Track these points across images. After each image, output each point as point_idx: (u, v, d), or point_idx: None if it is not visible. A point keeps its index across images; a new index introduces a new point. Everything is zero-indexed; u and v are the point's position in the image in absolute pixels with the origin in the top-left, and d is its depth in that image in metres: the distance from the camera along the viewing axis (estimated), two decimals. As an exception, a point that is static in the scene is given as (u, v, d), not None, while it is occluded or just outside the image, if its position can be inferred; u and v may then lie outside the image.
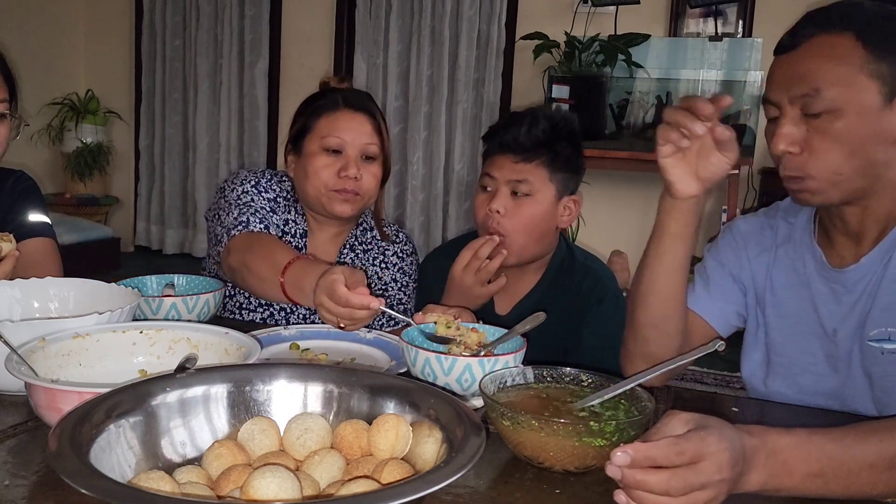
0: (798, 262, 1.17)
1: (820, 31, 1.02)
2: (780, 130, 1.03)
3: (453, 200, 4.82)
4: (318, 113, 1.52)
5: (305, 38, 5.05)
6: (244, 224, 1.45)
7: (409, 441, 0.72)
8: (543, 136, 1.44)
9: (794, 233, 1.19)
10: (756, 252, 1.22)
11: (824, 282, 1.13)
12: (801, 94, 1.01)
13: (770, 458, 0.77)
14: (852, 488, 0.79)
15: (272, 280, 1.27)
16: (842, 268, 1.11)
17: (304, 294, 1.22)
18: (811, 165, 1.03)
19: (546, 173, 1.46)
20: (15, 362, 0.84)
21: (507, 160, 1.46)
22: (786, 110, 1.03)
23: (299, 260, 1.28)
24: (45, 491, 0.72)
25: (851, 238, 1.11)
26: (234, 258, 1.39)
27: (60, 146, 5.28)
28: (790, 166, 1.04)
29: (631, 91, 4.15)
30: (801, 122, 1.03)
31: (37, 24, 5.17)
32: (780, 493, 0.78)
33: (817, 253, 1.14)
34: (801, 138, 1.03)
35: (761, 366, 1.21)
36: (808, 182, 1.04)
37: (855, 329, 1.09)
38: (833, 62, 1.00)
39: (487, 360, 0.99)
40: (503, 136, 1.47)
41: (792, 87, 1.02)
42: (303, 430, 0.74)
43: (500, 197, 1.45)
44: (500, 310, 1.58)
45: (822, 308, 1.13)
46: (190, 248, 5.40)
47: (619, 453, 0.69)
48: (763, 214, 1.25)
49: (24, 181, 1.52)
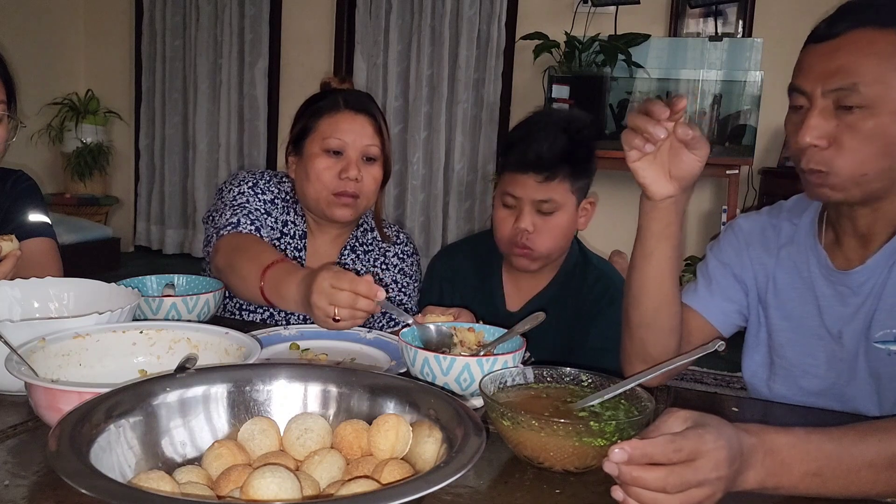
0: (802, 263, 1.16)
1: (862, 24, 0.98)
2: (809, 122, 1.00)
3: (453, 200, 4.82)
4: (320, 114, 1.51)
5: (305, 38, 5.06)
6: (234, 225, 1.44)
7: (409, 441, 0.72)
8: (564, 152, 1.43)
9: (798, 234, 1.18)
10: (758, 252, 1.21)
11: (829, 284, 1.12)
12: (836, 87, 0.98)
13: (768, 457, 0.76)
14: (851, 487, 0.79)
15: (253, 282, 1.26)
16: (847, 270, 1.09)
17: (282, 297, 1.21)
18: (838, 161, 1.00)
19: (568, 186, 1.46)
20: (15, 362, 0.83)
21: (529, 180, 1.44)
22: (816, 101, 1.00)
23: (282, 263, 1.27)
24: (45, 491, 0.72)
25: (859, 239, 1.09)
26: (220, 258, 1.40)
27: (60, 146, 5.28)
28: (815, 160, 1.01)
29: (631, 91, 4.15)
30: (832, 115, 0.99)
31: (37, 24, 5.18)
32: (779, 491, 0.78)
33: (821, 255, 1.13)
34: (830, 132, 0.99)
35: (763, 367, 1.21)
36: (832, 178, 1.01)
37: (861, 331, 1.08)
38: (874, 58, 0.96)
39: (486, 359, 0.99)
40: (524, 155, 1.44)
41: (827, 78, 0.98)
42: (303, 430, 0.74)
43: (527, 216, 1.46)
44: (511, 307, 1.59)
45: (827, 310, 1.12)
46: (190, 248, 5.40)
47: (617, 450, 0.69)
48: (766, 214, 1.24)
49: (23, 181, 1.52)
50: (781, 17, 4.04)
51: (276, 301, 1.24)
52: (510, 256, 1.52)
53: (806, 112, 1.01)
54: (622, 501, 0.71)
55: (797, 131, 1.02)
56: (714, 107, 4.06)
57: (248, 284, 1.28)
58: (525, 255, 1.48)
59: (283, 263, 1.26)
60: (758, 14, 4.12)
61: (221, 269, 1.39)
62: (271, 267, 1.25)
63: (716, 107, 4.06)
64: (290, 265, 1.27)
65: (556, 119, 1.49)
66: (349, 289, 1.07)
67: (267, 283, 1.24)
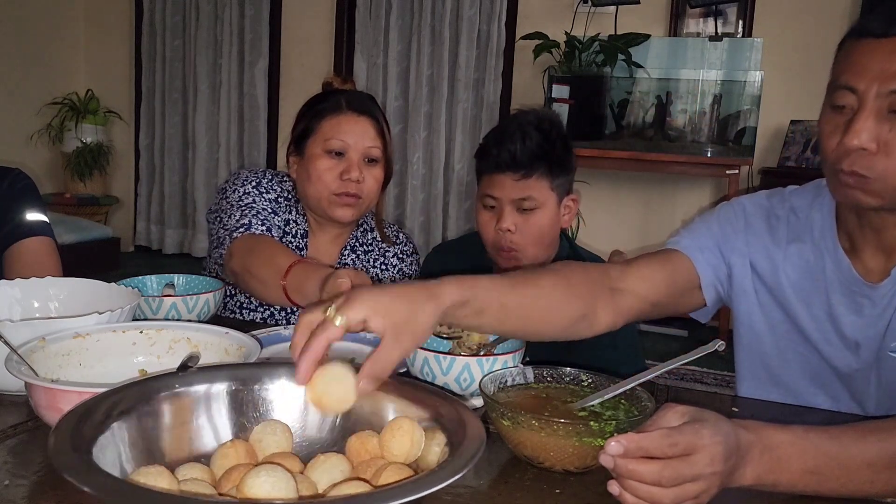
0: (816, 266, 1.10)
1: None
2: (861, 124, 0.93)
3: (453, 200, 4.82)
4: (322, 115, 1.51)
5: (305, 38, 5.06)
6: (246, 227, 1.45)
7: (422, 446, 0.72)
8: (539, 149, 1.44)
9: (810, 232, 1.11)
10: (762, 239, 1.14)
11: (850, 293, 1.07)
12: (894, 89, 0.91)
13: (765, 454, 0.76)
14: (849, 486, 0.78)
15: (274, 284, 1.27)
16: (868, 279, 1.05)
17: (305, 297, 1.23)
18: (884, 167, 0.93)
19: (547, 183, 1.46)
20: (15, 362, 0.83)
21: (507, 179, 1.45)
22: (868, 103, 0.93)
23: (301, 263, 1.28)
24: (45, 491, 0.72)
25: (883, 251, 1.05)
26: (236, 262, 1.40)
27: (60, 146, 5.28)
28: (860, 163, 0.94)
29: (631, 91, 4.16)
30: (885, 118, 0.93)
31: (37, 24, 5.17)
32: (776, 489, 0.78)
33: (843, 262, 1.07)
34: (882, 136, 0.93)
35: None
36: (874, 183, 0.95)
37: (875, 339, 1.06)
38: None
39: (486, 359, 0.99)
40: (499, 156, 1.45)
41: (886, 79, 0.91)
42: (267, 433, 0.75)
43: (507, 216, 1.46)
44: None
45: (844, 318, 1.08)
46: (190, 248, 5.40)
47: (613, 443, 0.70)
48: (767, 199, 1.17)
49: (21, 180, 1.51)
50: (781, 17, 4.04)
51: (300, 301, 1.25)
52: (498, 260, 1.52)
53: (853, 113, 0.95)
54: (618, 495, 0.71)
55: (837, 132, 0.96)
56: (714, 107, 4.06)
57: (269, 288, 1.30)
58: (511, 258, 1.48)
59: (302, 264, 1.28)
60: (758, 14, 4.12)
61: (238, 273, 1.39)
62: (292, 268, 1.26)
63: (716, 107, 4.06)
64: (310, 265, 1.29)
65: (528, 118, 1.49)
66: None
67: (290, 286, 1.26)
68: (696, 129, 4.10)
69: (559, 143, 1.48)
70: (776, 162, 4.07)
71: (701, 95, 4.07)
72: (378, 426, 0.75)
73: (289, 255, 1.33)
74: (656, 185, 4.39)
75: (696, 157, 3.93)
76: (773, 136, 4.08)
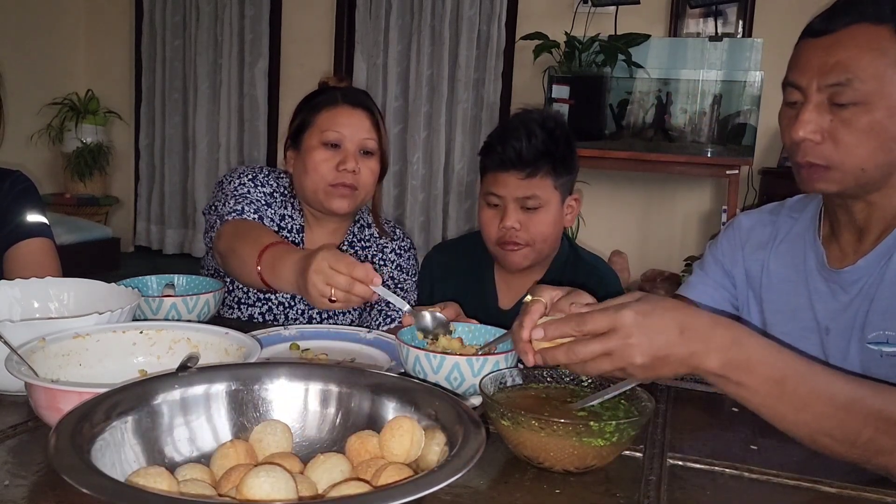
0: (798, 258, 1.16)
1: (860, 20, 0.97)
2: (803, 116, 1.00)
3: (453, 200, 4.82)
4: (318, 108, 1.53)
5: (305, 38, 5.06)
6: (238, 212, 1.47)
7: (422, 445, 0.72)
8: (544, 147, 1.45)
9: (797, 228, 1.19)
10: (753, 248, 1.23)
11: (822, 280, 1.13)
12: (832, 82, 0.98)
13: (735, 347, 0.80)
14: (804, 412, 0.81)
15: (251, 263, 1.26)
16: (841, 265, 1.10)
17: (277, 277, 1.21)
18: (836, 156, 1.00)
19: (551, 182, 1.47)
20: (15, 362, 0.83)
21: (511, 177, 1.46)
22: (811, 96, 1.00)
23: (280, 244, 1.27)
24: (45, 491, 0.72)
25: (856, 234, 1.10)
26: (223, 243, 1.41)
27: (60, 146, 5.28)
28: (812, 153, 1.01)
29: (631, 91, 4.15)
30: (826, 110, 0.99)
31: (37, 23, 5.18)
32: (739, 393, 0.81)
33: (819, 251, 1.14)
34: (824, 127, 1.00)
35: None
36: (833, 172, 1.01)
37: (847, 328, 1.09)
38: (871, 54, 0.96)
39: (476, 359, 0.99)
40: (503, 153, 1.46)
41: (823, 73, 0.98)
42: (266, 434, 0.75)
43: (512, 213, 1.47)
44: (504, 305, 1.60)
45: (818, 305, 1.13)
46: (190, 248, 5.40)
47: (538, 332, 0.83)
48: (768, 211, 1.25)
49: (21, 181, 1.52)
50: (781, 17, 4.04)
51: (272, 280, 1.23)
52: (500, 256, 1.53)
53: (800, 107, 1.01)
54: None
55: (791, 126, 1.02)
56: (714, 107, 4.06)
57: (246, 266, 1.28)
58: (514, 251, 1.49)
59: (281, 245, 1.27)
60: (758, 14, 4.12)
61: (223, 254, 1.40)
62: (269, 248, 1.25)
63: (716, 107, 4.06)
64: (288, 246, 1.28)
65: (533, 117, 1.50)
66: (346, 272, 1.07)
67: (264, 264, 1.24)
68: (696, 129, 4.10)
69: (563, 143, 1.48)
70: (776, 162, 4.07)
71: (701, 96, 4.06)
72: (378, 426, 0.75)
73: (271, 238, 1.31)
74: (656, 186, 4.39)
75: (696, 158, 3.93)
76: (773, 137, 4.08)
